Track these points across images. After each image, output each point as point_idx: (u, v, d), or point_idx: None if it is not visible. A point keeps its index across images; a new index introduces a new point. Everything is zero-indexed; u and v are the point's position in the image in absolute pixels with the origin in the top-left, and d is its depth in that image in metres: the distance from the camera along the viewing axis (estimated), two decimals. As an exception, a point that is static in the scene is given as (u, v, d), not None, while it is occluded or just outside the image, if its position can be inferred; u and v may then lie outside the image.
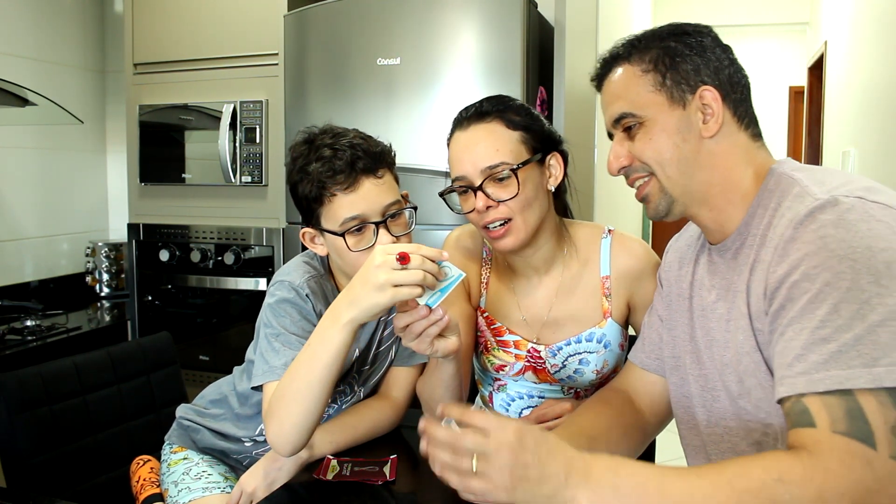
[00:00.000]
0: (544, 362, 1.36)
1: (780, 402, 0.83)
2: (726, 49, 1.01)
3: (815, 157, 4.76)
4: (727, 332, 0.99)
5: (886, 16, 2.97)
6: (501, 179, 1.23)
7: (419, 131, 2.02)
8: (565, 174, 1.32)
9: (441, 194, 1.32)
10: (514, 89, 1.94)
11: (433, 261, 1.03)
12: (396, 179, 1.26)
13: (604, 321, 1.34)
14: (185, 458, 1.41)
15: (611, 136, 1.06)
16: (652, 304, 1.23)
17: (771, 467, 0.76)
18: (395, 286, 1.00)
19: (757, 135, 1.01)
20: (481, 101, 1.29)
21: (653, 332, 1.19)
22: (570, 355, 1.35)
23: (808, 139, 5.22)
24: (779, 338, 0.85)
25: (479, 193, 1.23)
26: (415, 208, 1.26)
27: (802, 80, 5.57)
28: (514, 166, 1.22)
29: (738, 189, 0.99)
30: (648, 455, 1.55)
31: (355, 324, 1.06)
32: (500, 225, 1.24)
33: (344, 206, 1.18)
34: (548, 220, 1.31)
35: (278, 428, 1.10)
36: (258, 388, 1.21)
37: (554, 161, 1.29)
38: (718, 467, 0.80)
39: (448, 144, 1.30)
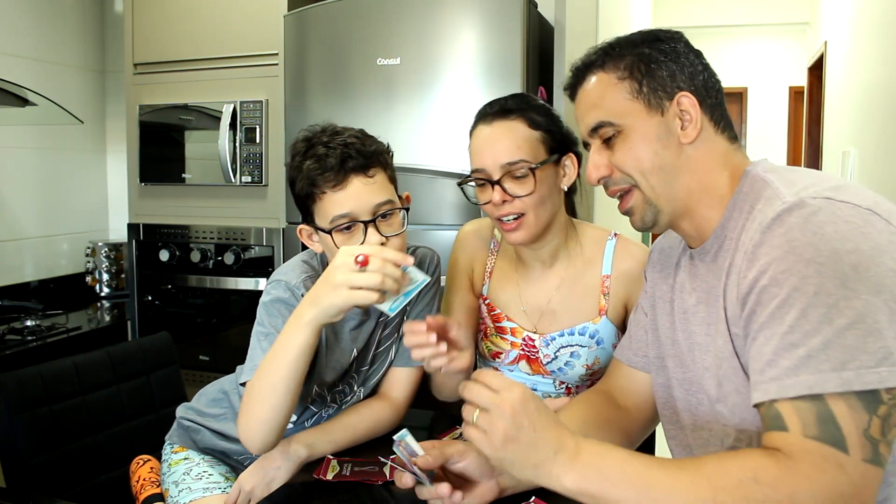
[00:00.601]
0: (538, 352, 1.40)
1: (756, 406, 0.84)
2: (699, 54, 1.01)
3: (815, 157, 4.76)
4: (707, 335, 0.99)
5: (886, 16, 2.97)
6: (519, 176, 1.28)
7: (419, 131, 2.02)
8: (577, 175, 1.37)
9: (459, 184, 1.37)
10: (514, 89, 1.94)
11: (397, 265, 1.01)
12: (392, 180, 1.27)
13: (598, 318, 1.38)
14: (185, 459, 1.40)
15: (586, 145, 1.06)
16: (638, 303, 1.23)
17: (747, 466, 0.78)
18: (352, 288, 0.99)
19: (733, 137, 1.01)
20: (506, 98, 1.34)
21: (639, 330, 1.20)
22: (563, 346, 1.39)
23: (808, 139, 5.22)
24: (751, 343, 0.86)
25: (497, 187, 1.28)
26: (406, 209, 1.26)
27: (802, 80, 5.57)
28: (533, 165, 1.27)
29: (715, 193, 0.99)
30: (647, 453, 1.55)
31: (315, 324, 1.06)
32: (514, 219, 1.29)
33: (333, 203, 1.20)
34: (558, 217, 1.37)
35: (246, 424, 1.13)
36: (244, 385, 1.21)
37: (568, 162, 1.35)
38: (699, 462, 0.82)
39: (470, 135, 1.35)
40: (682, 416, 1.07)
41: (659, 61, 0.97)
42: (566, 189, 1.35)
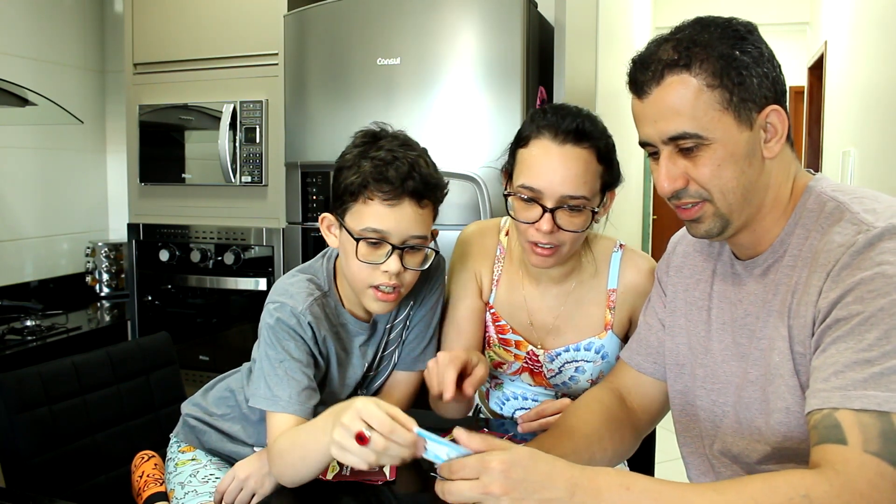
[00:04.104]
0: (541, 366, 1.38)
1: (809, 414, 0.82)
2: (772, 52, 0.93)
3: (815, 157, 4.76)
4: (757, 349, 0.96)
5: (886, 16, 2.97)
6: (573, 209, 1.21)
7: (419, 131, 2.00)
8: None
9: (506, 195, 1.29)
10: (514, 89, 1.94)
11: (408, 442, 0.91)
12: (435, 216, 1.23)
13: (604, 333, 1.35)
14: (192, 459, 1.39)
15: (643, 144, 0.97)
16: (650, 305, 1.20)
17: (797, 483, 0.75)
18: (342, 449, 0.93)
19: (791, 142, 0.97)
20: (582, 118, 1.22)
21: (651, 335, 1.17)
22: (567, 362, 1.37)
23: (808, 139, 5.22)
24: (819, 353, 0.84)
25: (548, 216, 1.20)
26: (437, 252, 1.24)
27: (802, 80, 5.57)
28: (594, 209, 1.22)
29: (779, 205, 0.95)
30: (647, 455, 1.55)
31: None
32: (550, 247, 1.24)
33: (375, 215, 1.15)
34: None
35: (282, 473, 1.12)
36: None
37: (608, 196, 1.28)
38: (739, 484, 0.78)
39: (526, 138, 1.24)
40: (704, 425, 1.05)
41: (749, 67, 0.89)
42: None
